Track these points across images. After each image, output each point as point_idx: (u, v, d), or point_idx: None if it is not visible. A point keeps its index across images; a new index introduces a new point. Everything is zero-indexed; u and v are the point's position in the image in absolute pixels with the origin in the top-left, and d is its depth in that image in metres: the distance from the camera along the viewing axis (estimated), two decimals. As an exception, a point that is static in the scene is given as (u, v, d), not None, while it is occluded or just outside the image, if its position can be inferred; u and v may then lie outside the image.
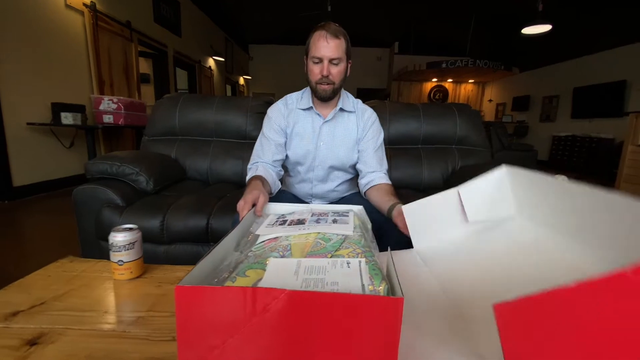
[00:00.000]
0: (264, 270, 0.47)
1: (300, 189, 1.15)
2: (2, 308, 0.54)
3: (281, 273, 0.44)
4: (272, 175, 1.01)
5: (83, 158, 3.30)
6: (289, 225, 0.65)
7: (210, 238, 1.23)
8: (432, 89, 8.65)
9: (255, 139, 1.72)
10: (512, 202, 0.73)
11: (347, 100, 1.08)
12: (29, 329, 0.50)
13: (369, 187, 1.04)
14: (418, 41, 7.54)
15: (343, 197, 1.17)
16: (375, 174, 1.05)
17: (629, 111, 4.81)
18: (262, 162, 1.04)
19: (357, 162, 1.09)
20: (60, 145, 3.07)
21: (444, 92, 8.72)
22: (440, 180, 1.71)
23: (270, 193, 0.98)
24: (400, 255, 0.72)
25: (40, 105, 2.86)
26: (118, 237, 0.64)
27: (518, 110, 7.92)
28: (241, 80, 9.44)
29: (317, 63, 0.94)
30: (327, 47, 0.91)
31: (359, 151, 1.08)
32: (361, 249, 0.51)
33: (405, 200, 0.80)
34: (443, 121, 1.78)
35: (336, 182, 1.13)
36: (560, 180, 0.57)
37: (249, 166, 1.07)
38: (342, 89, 1.05)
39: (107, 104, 3.38)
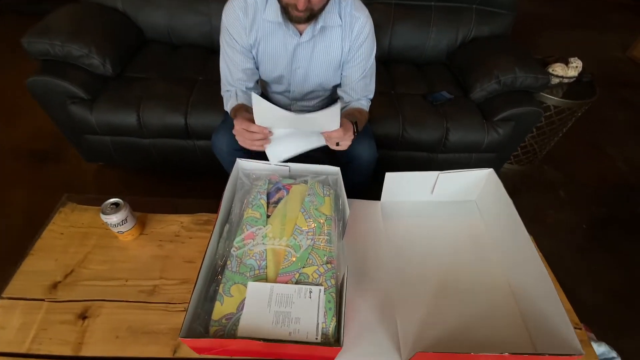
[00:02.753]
0: (245, 286, 0.60)
1: (277, 100, 1.06)
2: (40, 278, 0.69)
3: (258, 302, 0.58)
4: None
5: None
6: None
7: (190, 135, 1.23)
8: None
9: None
10: (477, 193, 0.84)
11: (332, 9, 0.80)
12: (74, 303, 0.66)
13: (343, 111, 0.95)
14: None
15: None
16: (354, 102, 0.94)
17: None
18: (237, 88, 0.90)
19: (340, 85, 0.96)
20: None
21: None
22: (444, 55, 1.51)
23: None
24: (365, 207, 0.84)
25: None
26: (112, 219, 0.70)
27: None
28: None
29: None
30: None
31: (343, 75, 0.92)
32: (324, 268, 0.62)
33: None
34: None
35: (316, 100, 1.04)
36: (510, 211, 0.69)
37: (222, 92, 0.94)
38: None
39: None
